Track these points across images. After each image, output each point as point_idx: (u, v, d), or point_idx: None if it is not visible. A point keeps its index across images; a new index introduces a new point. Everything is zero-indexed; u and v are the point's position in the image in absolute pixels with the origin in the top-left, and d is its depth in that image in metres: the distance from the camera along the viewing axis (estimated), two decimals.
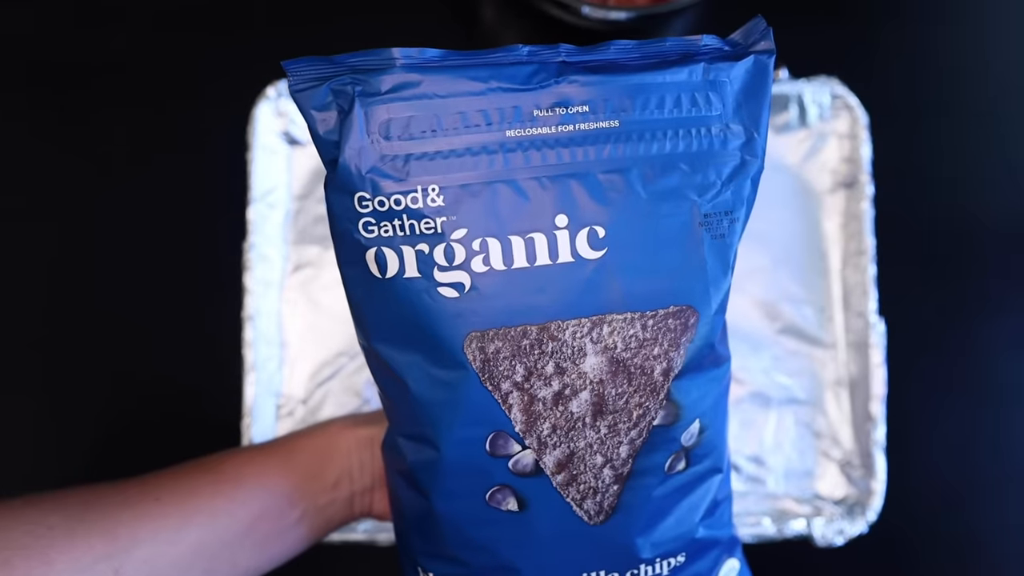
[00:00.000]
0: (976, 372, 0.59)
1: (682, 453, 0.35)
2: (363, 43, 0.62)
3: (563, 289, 0.31)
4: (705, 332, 0.33)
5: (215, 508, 0.37)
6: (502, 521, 0.34)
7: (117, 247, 0.59)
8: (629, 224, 0.32)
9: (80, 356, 0.58)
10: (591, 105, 0.32)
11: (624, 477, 0.34)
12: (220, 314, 0.56)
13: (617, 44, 0.33)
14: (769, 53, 0.35)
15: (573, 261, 0.31)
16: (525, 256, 0.31)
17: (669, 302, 0.32)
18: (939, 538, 0.58)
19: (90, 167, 0.60)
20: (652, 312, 0.32)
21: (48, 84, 0.60)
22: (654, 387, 0.33)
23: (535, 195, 0.31)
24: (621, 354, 0.32)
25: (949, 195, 0.61)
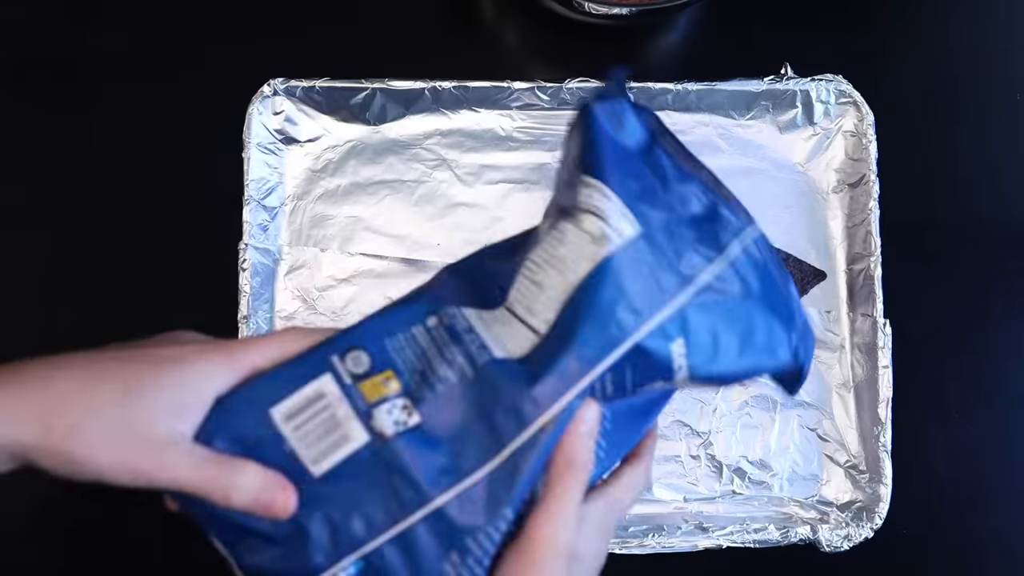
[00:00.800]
0: (985, 375, 0.59)
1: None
2: (361, 39, 0.61)
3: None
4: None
5: None
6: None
7: (111, 246, 0.58)
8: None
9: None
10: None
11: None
12: (215, 315, 0.55)
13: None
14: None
15: None
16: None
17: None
18: (946, 543, 0.57)
19: (83, 165, 0.59)
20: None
21: (40, 80, 0.60)
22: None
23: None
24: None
25: (957, 194, 0.61)
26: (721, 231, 0.37)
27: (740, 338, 0.36)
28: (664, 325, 0.35)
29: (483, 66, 0.59)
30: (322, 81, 0.57)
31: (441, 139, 0.59)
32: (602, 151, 0.36)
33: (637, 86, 0.57)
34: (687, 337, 0.35)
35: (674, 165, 0.38)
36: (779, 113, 0.59)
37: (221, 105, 0.57)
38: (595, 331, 0.34)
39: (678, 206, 0.37)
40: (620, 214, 0.35)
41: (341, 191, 0.58)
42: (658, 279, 0.35)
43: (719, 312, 0.36)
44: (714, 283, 0.36)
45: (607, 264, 0.34)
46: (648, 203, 0.36)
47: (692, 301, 0.35)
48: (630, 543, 0.53)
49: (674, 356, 0.35)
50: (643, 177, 0.37)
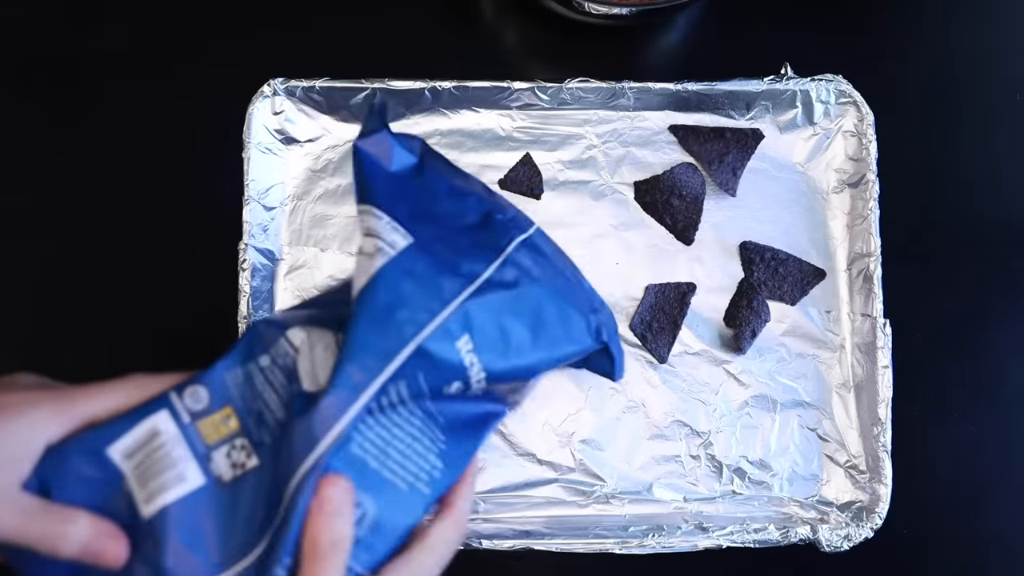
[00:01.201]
0: (985, 375, 0.59)
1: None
2: (361, 39, 0.61)
3: None
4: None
5: None
6: None
7: (111, 247, 0.58)
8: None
9: (73, 357, 0.57)
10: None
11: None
12: (215, 315, 0.55)
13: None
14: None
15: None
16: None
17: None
18: (946, 543, 0.57)
19: (83, 166, 0.59)
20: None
21: (40, 81, 0.60)
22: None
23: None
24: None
25: (957, 194, 0.61)
26: (499, 234, 0.39)
27: (531, 328, 0.37)
28: (446, 324, 0.35)
29: (483, 66, 0.59)
30: (322, 81, 0.57)
31: (441, 139, 0.59)
32: (370, 180, 0.38)
33: (637, 86, 0.57)
34: (472, 333, 0.36)
35: (446, 182, 0.40)
36: (779, 113, 0.59)
37: (221, 105, 0.57)
38: (374, 337, 0.34)
39: (453, 219, 0.39)
40: (391, 228, 0.36)
41: (341, 191, 0.58)
42: (437, 283, 0.36)
43: (503, 305, 0.37)
44: (495, 278, 0.37)
45: (381, 273, 0.35)
46: (421, 219, 0.38)
47: (473, 298, 0.36)
48: (630, 543, 0.53)
49: (462, 353, 0.35)
50: (415, 197, 0.39)
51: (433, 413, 0.37)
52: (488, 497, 0.55)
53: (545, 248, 0.40)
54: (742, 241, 0.58)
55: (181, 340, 0.57)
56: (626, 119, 0.59)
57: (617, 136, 0.59)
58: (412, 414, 0.36)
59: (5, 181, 0.59)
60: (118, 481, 0.34)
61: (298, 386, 0.35)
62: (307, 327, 0.37)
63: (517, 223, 0.40)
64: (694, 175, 0.58)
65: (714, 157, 0.58)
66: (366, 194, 0.38)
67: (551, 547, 0.52)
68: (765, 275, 0.57)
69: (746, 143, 0.58)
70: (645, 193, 0.58)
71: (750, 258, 0.58)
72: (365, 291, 0.35)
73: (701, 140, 0.58)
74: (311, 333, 0.37)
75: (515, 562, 0.54)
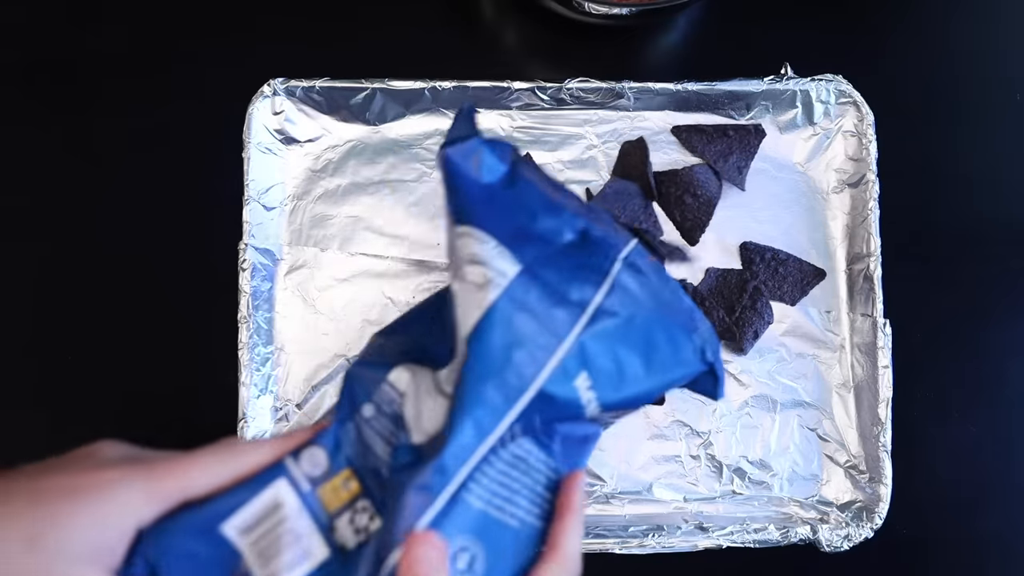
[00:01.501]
0: (985, 375, 0.59)
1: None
2: (361, 39, 0.61)
3: None
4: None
5: None
6: None
7: (111, 247, 0.58)
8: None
9: (74, 357, 0.57)
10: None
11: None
12: (215, 315, 0.55)
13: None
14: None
15: None
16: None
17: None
18: (946, 543, 0.57)
19: (83, 165, 0.59)
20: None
21: (40, 81, 0.60)
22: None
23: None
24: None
25: (957, 194, 0.61)
26: (601, 253, 0.36)
27: (643, 355, 0.35)
28: (565, 362, 0.33)
29: (483, 66, 0.59)
30: (322, 81, 0.57)
31: (441, 139, 0.58)
32: (466, 195, 0.35)
33: (637, 86, 0.57)
34: (589, 369, 0.34)
35: (540, 195, 0.37)
36: (779, 113, 0.59)
37: (221, 105, 0.57)
38: (491, 387, 0.32)
39: (553, 236, 0.36)
40: (498, 254, 0.34)
41: (341, 191, 0.58)
42: (551, 316, 0.33)
43: (616, 335, 0.35)
44: (605, 305, 0.35)
45: (494, 308, 0.32)
46: (523, 238, 0.35)
47: (587, 330, 0.34)
48: (630, 543, 0.53)
49: (580, 392, 0.33)
50: (513, 212, 0.36)
51: (544, 443, 0.34)
52: None
53: (644, 265, 0.37)
54: (743, 242, 0.58)
55: (181, 340, 0.57)
56: (626, 119, 0.59)
57: (617, 136, 0.59)
58: (520, 447, 0.33)
59: (6, 181, 0.59)
60: (235, 561, 0.31)
61: (406, 436, 0.33)
62: (409, 367, 0.34)
63: (616, 239, 0.37)
64: (712, 178, 0.58)
65: (719, 156, 0.58)
66: (465, 213, 0.34)
67: None
68: (765, 275, 0.57)
69: (749, 141, 0.58)
70: (661, 184, 0.58)
71: (750, 258, 0.58)
72: (478, 330, 0.32)
73: (705, 140, 0.58)
74: (415, 373, 0.34)
75: None
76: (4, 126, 0.59)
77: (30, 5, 0.60)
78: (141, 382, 0.57)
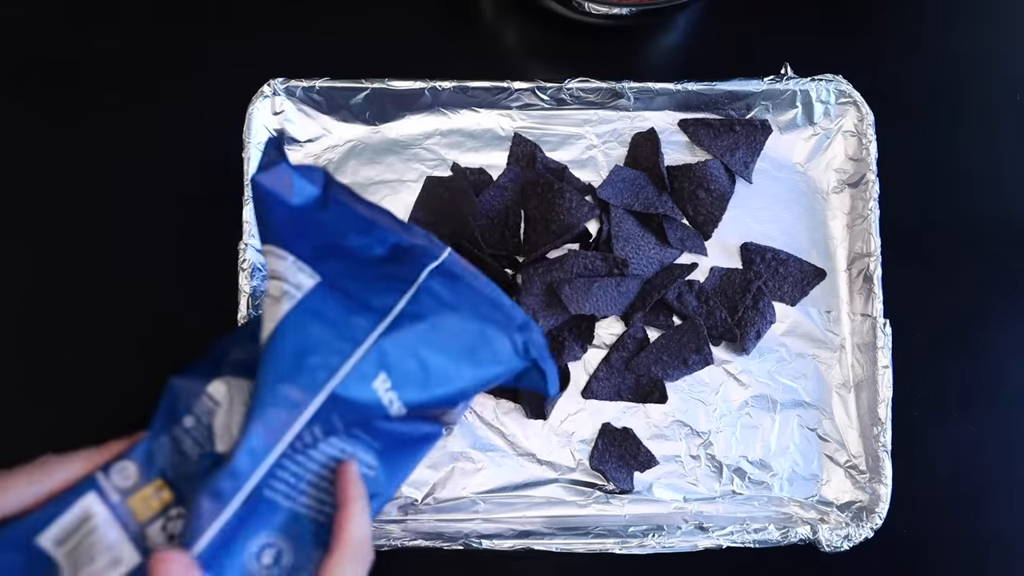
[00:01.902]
0: (985, 375, 0.59)
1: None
2: (361, 39, 0.61)
3: None
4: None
5: None
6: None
7: (110, 247, 0.58)
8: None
9: (73, 357, 0.57)
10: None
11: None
12: (215, 315, 0.55)
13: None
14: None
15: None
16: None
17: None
18: (946, 543, 0.57)
19: (83, 165, 0.59)
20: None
21: (41, 81, 0.60)
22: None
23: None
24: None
25: (958, 194, 0.61)
26: (410, 264, 0.38)
27: (452, 355, 0.37)
28: (360, 366, 0.34)
29: (483, 66, 0.59)
30: (322, 81, 0.57)
31: (441, 139, 0.59)
32: (272, 217, 0.37)
33: (637, 86, 0.57)
34: (389, 370, 0.35)
35: (352, 214, 0.39)
36: (779, 113, 0.59)
37: (221, 105, 0.57)
38: (281, 390, 0.33)
39: (362, 251, 0.38)
40: (296, 269, 0.35)
41: None
42: (348, 322, 0.35)
43: (420, 337, 0.36)
44: (408, 310, 0.36)
45: (287, 318, 0.34)
46: (329, 255, 0.36)
47: (387, 334, 0.35)
48: (630, 543, 0.53)
49: (379, 392, 0.35)
50: (321, 232, 0.37)
51: (366, 441, 0.36)
52: (488, 497, 0.55)
53: (459, 271, 0.39)
54: (743, 242, 0.58)
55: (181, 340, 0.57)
56: (626, 119, 0.59)
57: (617, 136, 0.59)
58: (333, 447, 0.35)
59: (5, 181, 0.59)
60: (53, 571, 0.33)
61: (211, 445, 0.34)
62: (227, 378, 0.36)
63: (428, 251, 0.39)
64: (725, 174, 0.58)
65: (725, 150, 0.58)
66: (268, 233, 0.37)
67: (551, 547, 0.52)
68: (766, 275, 0.57)
69: (755, 136, 0.58)
70: (674, 179, 0.58)
71: (751, 258, 0.58)
72: (272, 339, 0.34)
73: (712, 134, 0.58)
74: (231, 385, 0.36)
75: (515, 562, 0.54)
76: (3, 126, 0.59)
77: (30, 5, 0.60)
78: (141, 382, 0.57)
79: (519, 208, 0.58)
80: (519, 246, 0.57)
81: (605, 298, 0.55)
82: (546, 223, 0.56)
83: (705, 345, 0.56)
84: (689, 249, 0.58)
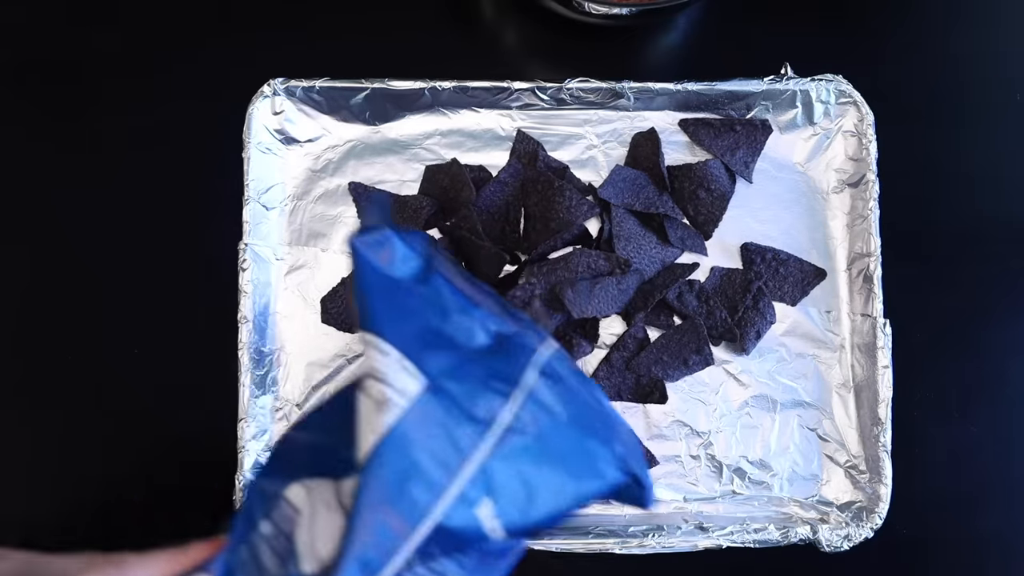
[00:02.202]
0: (985, 375, 0.59)
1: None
2: (361, 40, 0.61)
3: None
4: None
5: None
6: None
7: (110, 247, 0.58)
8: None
9: (72, 357, 0.57)
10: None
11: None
12: (215, 315, 0.55)
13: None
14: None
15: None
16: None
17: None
18: (946, 543, 0.57)
19: (83, 165, 0.59)
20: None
21: (40, 81, 0.60)
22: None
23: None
24: None
25: (958, 194, 0.61)
26: (513, 359, 0.34)
27: (556, 474, 0.33)
28: (465, 491, 0.31)
29: (483, 66, 0.59)
30: (322, 81, 0.57)
31: (441, 139, 0.59)
32: (372, 293, 0.33)
33: (637, 86, 0.57)
34: (493, 495, 0.32)
35: (454, 292, 0.35)
36: (779, 113, 0.59)
37: (221, 105, 0.57)
38: (381, 522, 0.30)
39: (464, 339, 0.34)
40: (400, 369, 0.32)
41: (341, 191, 0.58)
42: (453, 438, 0.31)
43: (526, 453, 0.32)
44: (515, 423, 0.32)
45: (391, 435, 0.31)
46: (432, 344, 0.33)
47: (494, 451, 0.32)
48: (630, 543, 0.52)
49: (483, 520, 0.31)
50: (423, 311, 0.34)
51: (458, 559, 0.32)
52: None
53: (563, 371, 0.35)
54: (743, 242, 0.58)
55: (180, 339, 0.57)
56: (626, 119, 0.59)
57: (617, 136, 0.59)
58: (426, 569, 0.32)
59: (5, 181, 0.59)
60: None
61: (295, 565, 0.31)
62: (306, 481, 0.33)
63: (531, 342, 0.35)
64: (726, 173, 0.58)
65: (726, 150, 0.58)
66: (370, 316, 0.32)
67: (551, 547, 0.52)
68: (766, 275, 0.57)
69: (756, 136, 0.58)
70: (674, 179, 0.58)
71: (751, 259, 0.58)
72: (372, 458, 0.30)
73: (712, 134, 0.58)
74: (310, 489, 0.33)
75: None
76: (3, 126, 0.59)
77: (30, 5, 0.60)
78: (140, 382, 0.57)
79: (519, 204, 0.58)
80: (519, 242, 0.57)
81: (606, 298, 0.55)
82: (546, 220, 0.56)
83: (705, 345, 0.56)
84: (690, 249, 0.58)
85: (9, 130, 0.59)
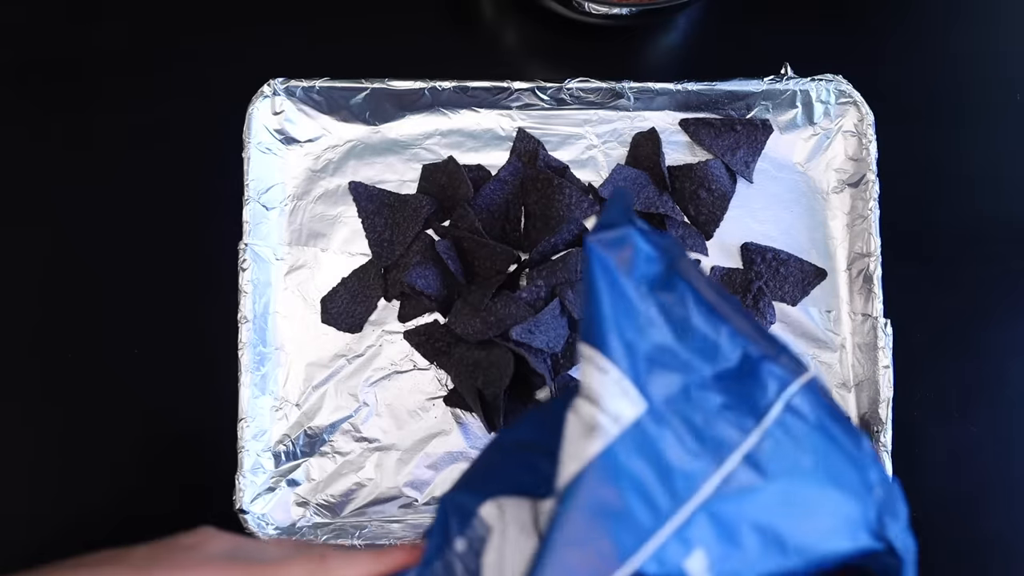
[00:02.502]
0: (985, 375, 0.59)
1: None
2: (362, 40, 0.61)
3: None
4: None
5: None
6: None
7: (110, 247, 0.58)
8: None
9: (74, 355, 0.57)
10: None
11: None
12: (215, 315, 0.55)
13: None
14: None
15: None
16: None
17: None
18: (946, 544, 0.57)
19: (83, 164, 0.59)
20: None
21: (40, 80, 0.60)
22: None
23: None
24: None
25: (958, 194, 0.61)
26: (760, 389, 0.29)
27: (787, 527, 0.28)
28: (676, 537, 0.27)
29: (483, 66, 0.59)
30: (322, 81, 0.57)
31: (441, 139, 0.59)
32: (602, 303, 0.29)
33: (637, 86, 0.57)
34: (707, 546, 0.27)
35: (699, 301, 0.30)
36: (779, 113, 0.59)
37: (221, 104, 0.57)
38: (574, 559, 0.27)
39: (703, 359, 0.29)
40: (619, 391, 0.28)
41: (341, 191, 0.58)
42: (668, 476, 0.27)
43: (757, 501, 0.28)
44: (749, 459, 0.28)
45: (597, 463, 0.27)
46: (662, 364, 0.29)
47: (717, 496, 0.27)
48: None
49: (690, 574, 0.27)
50: (658, 324, 0.29)
51: None
52: None
53: (817, 403, 0.29)
54: (744, 242, 0.58)
55: (180, 339, 0.57)
56: (626, 119, 0.59)
57: (617, 136, 0.59)
58: None
59: (5, 180, 0.59)
60: None
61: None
62: (499, 499, 0.30)
63: (786, 371, 0.30)
64: (726, 173, 0.58)
65: (726, 150, 0.58)
66: (593, 329, 0.28)
67: None
68: (766, 275, 0.57)
69: (756, 136, 0.58)
70: (675, 179, 0.58)
71: (751, 258, 0.58)
72: (572, 488, 0.27)
73: (713, 134, 0.58)
74: (503, 508, 0.30)
75: None
76: (3, 125, 0.59)
77: (30, 4, 0.60)
78: (140, 382, 0.57)
79: (519, 203, 0.58)
80: (519, 240, 0.57)
81: None
82: (546, 219, 0.56)
83: None
84: (690, 248, 0.58)
85: (9, 129, 0.59)
